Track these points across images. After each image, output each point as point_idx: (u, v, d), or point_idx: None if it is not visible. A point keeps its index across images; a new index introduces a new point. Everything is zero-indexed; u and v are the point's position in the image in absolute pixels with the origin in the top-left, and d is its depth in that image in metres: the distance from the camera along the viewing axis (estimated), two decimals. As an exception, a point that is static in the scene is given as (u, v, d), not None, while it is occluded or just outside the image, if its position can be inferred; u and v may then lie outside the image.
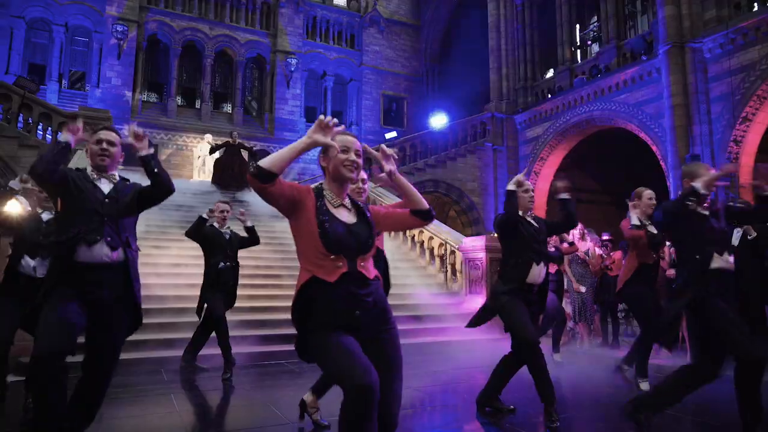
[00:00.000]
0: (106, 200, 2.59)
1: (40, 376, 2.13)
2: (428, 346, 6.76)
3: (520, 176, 3.60)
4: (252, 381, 4.99)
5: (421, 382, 4.76)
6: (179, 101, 19.00)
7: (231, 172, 13.64)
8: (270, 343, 6.21)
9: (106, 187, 2.67)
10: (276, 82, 19.78)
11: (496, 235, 5.83)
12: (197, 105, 19.28)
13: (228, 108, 19.81)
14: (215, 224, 5.14)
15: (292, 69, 19.68)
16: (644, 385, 4.08)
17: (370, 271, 2.05)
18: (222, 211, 5.16)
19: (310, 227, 1.97)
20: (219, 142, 14.69)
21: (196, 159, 17.62)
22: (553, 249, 5.95)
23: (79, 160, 8.20)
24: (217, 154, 14.21)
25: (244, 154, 14.02)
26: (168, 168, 16.06)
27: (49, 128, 11.87)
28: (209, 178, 14.20)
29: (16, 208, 6.64)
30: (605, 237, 8.35)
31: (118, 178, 2.72)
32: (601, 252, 7.45)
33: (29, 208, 6.96)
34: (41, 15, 17.30)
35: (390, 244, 11.04)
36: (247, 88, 20.11)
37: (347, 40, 21.57)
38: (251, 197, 12.32)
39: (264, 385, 4.91)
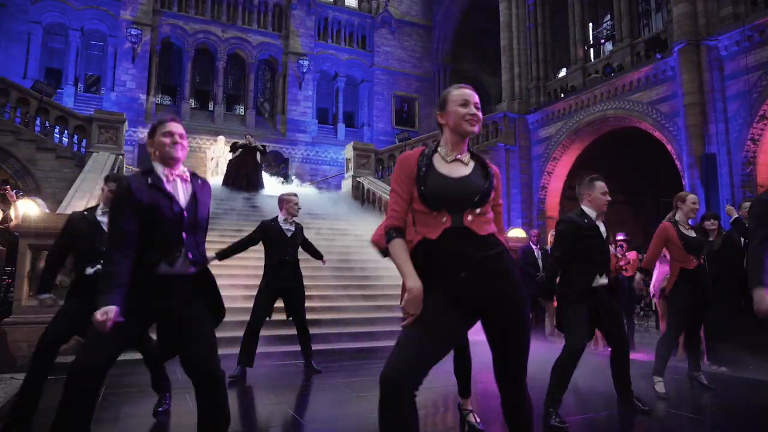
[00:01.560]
0: (185, 214, 2.28)
1: (74, 385, 2.10)
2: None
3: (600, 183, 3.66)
4: (272, 380, 4.99)
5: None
6: (192, 104, 19.18)
7: (244, 174, 13.67)
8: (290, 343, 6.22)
9: (181, 193, 2.31)
10: (288, 83, 19.88)
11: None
12: (210, 107, 19.44)
13: (241, 110, 19.95)
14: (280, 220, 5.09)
15: (304, 70, 19.77)
16: (659, 386, 4.03)
17: (485, 228, 1.88)
18: (296, 204, 5.13)
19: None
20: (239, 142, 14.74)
21: (210, 161, 17.77)
22: None
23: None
24: (230, 155, 14.27)
25: (258, 156, 14.04)
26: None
27: (66, 131, 12.03)
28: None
29: (33, 209, 6.75)
30: (620, 237, 8.27)
31: (188, 175, 2.37)
32: (615, 252, 7.39)
33: (46, 210, 7.07)
34: (58, 20, 17.55)
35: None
36: (260, 89, 20.24)
37: (359, 41, 21.62)
38: (262, 200, 12.40)
39: (281, 385, 4.91)
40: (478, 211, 1.86)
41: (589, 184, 3.59)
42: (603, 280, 3.52)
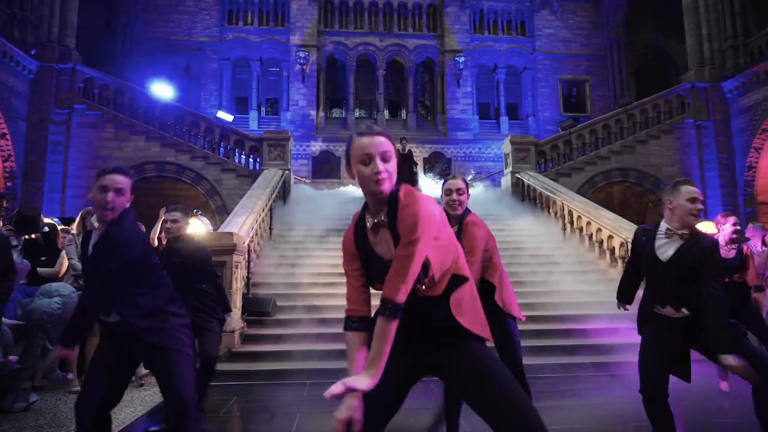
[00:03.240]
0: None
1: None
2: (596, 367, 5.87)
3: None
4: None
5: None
6: (357, 114, 20.13)
7: (399, 180, 13.77)
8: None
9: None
10: (446, 82, 19.69)
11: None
12: (374, 115, 20.19)
13: (402, 114, 20.36)
14: None
15: (461, 67, 19.38)
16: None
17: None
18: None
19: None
20: (400, 147, 15.04)
21: (374, 167, 18.43)
22: (732, 251, 4.64)
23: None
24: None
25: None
26: (349, 178, 17.24)
27: (243, 152, 13.47)
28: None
29: (200, 227, 7.53)
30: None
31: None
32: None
33: (210, 228, 7.85)
34: (242, 54, 19.86)
35: (566, 243, 10.06)
36: (419, 92, 20.40)
37: (517, 28, 20.47)
38: None
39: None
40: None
41: (673, 189, 2.68)
42: (673, 313, 2.63)
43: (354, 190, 13.46)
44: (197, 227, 7.48)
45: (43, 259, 5.37)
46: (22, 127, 12.45)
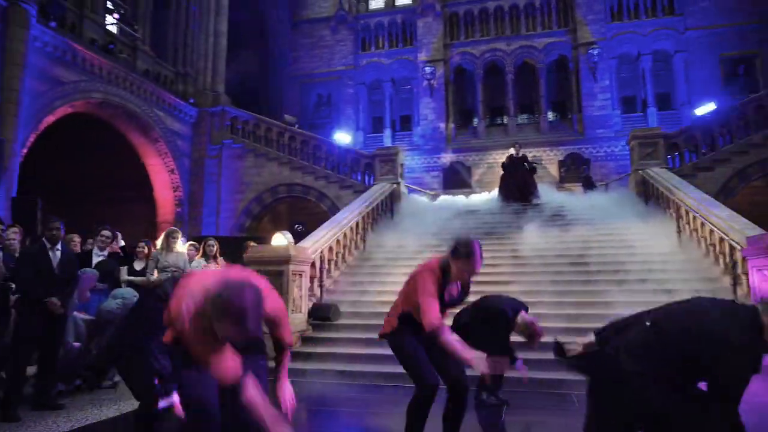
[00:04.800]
0: None
1: None
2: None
3: None
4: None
5: None
6: (487, 121, 19.93)
7: (515, 185, 13.44)
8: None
9: None
10: (581, 78, 18.46)
11: None
12: (504, 121, 19.79)
13: (533, 117, 19.61)
14: None
15: (596, 60, 17.99)
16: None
17: None
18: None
19: None
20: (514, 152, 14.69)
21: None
22: None
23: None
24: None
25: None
26: (481, 186, 17.19)
27: (359, 170, 14.46)
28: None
29: (280, 240, 8.49)
30: None
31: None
32: None
33: (291, 241, 8.75)
34: (375, 77, 21.14)
35: (681, 250, 8.82)
36: (551, 92, 19.42)
37: (664, 8, 18.29)
38: (533, 211, 11.96)
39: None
40: None
41: None
42: None
43: (467, 203, 13.49)
44: (279, 240, 8.49)
45: (137, 269, 6.75)
46: (187, 163, 15.14)
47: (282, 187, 14.81)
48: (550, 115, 19.17)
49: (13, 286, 5.00)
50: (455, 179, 19.05)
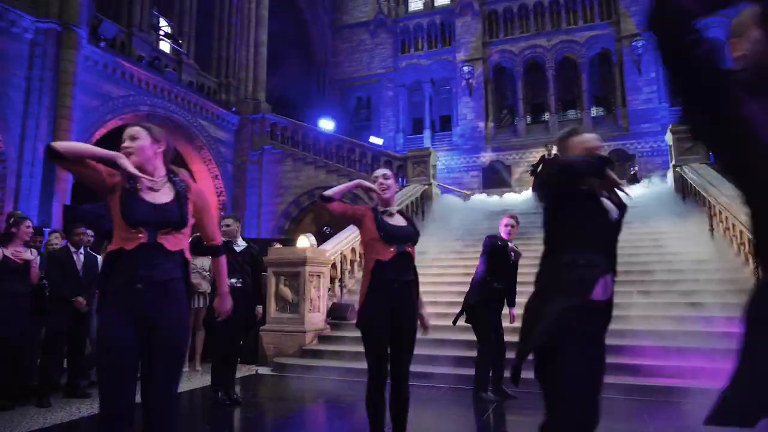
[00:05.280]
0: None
1: None
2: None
3: None
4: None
5: None
6: (527, 119, 19.66)
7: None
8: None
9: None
10: (624, 71, 17.91)
11: None
12: (545, 118, 19.46)
13: (575, 113, 19.15)
14: None
15: (640, 52, 17.39)
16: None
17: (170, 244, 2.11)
18: (506, 225, 5.17)
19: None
20: (545, 153, 14.56)
21: (542, 172, 17.79)
22: None
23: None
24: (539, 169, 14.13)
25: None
26: (521, 185, 17.03)
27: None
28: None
29: (304, 243, 8.86)
30: None
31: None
32: None
33: (314, 243, 9.10)
34: (414, 78, 21.33)
35: (699, 243, 8.51)
36: (594, 87, 18.92)
37: (714, -7, 17.38)
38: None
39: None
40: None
41: None
42: None
43: (499, 203, 13.42)
44: (303, 242, 8.86)
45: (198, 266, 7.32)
46: (230, 168, 15.89)
47: (318, 190, 15.23)
48: (593, 111, 18.68)
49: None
50: (495, 179, 18.92)
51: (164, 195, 2.17)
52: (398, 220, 3.16)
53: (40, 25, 10.07)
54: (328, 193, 3.15)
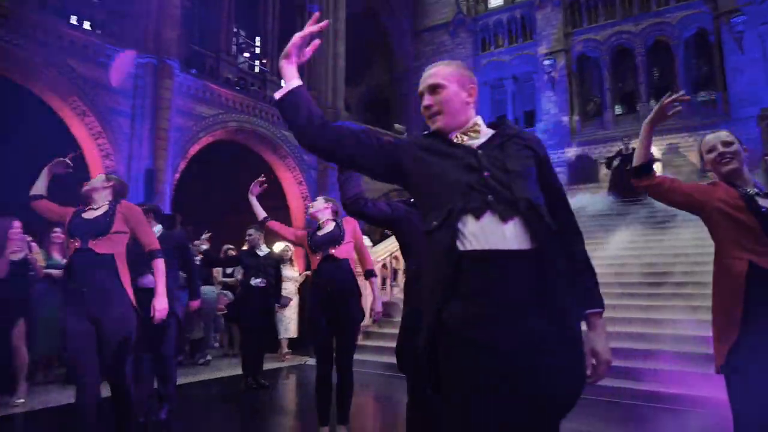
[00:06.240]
0: None
1: None
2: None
3: None
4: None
5: None
6: (616, 110, 18.69)
7: (626, 181, 12.79)
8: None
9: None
10: (724, 51, 16.39)
11: None
12: (636, 108, 18.35)
13: (669, 101, 17.86)
14: None
15: (741, 29, 15.83)
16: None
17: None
18: None
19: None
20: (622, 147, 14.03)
21: (630, 166, 16.91)
22: None
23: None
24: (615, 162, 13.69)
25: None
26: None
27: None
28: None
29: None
30: None
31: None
32: None
33: (370, 245, 9.62)
34: (496, 75, 21.10)
35: None
36: (690, 71, 17.51)
37: (832, -45, 15.36)
38: (644, 209, 11.35)
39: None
40: None
41: None
42: None
43: (571, 202, 13.10)
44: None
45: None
46: (313, 174, 17.02)
47: (393, 193, 15.87)
48: (690, 96, 17.30)
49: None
50: (581, 174, 18.26)
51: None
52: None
53: (140, 60, 11.71)
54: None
